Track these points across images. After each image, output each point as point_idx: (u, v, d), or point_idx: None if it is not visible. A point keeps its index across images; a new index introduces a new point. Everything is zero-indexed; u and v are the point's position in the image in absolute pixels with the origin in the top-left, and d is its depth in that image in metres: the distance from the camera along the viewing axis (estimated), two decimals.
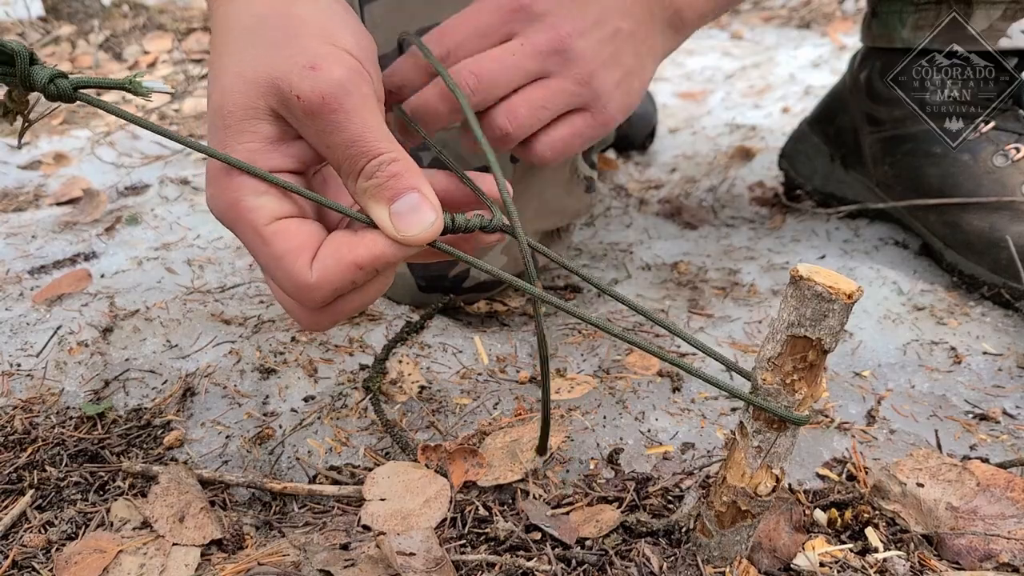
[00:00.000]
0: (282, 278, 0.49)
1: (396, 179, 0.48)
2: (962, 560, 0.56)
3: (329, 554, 0.56)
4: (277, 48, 0.49)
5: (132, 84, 0.46)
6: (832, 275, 0.45)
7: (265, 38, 0.49)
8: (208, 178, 0.50)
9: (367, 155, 0.48)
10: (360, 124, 0.48)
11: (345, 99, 0.47)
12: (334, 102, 0.47)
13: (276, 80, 0.48)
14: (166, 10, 2.72)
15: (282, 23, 0.50)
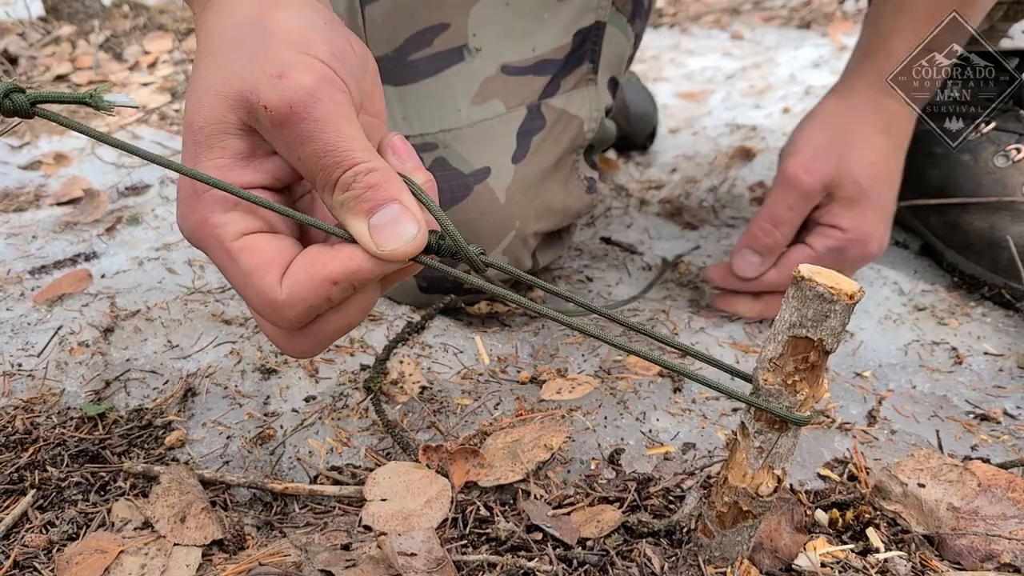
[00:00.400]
0: (252, 296, 0.46)
1: (374, 190, 0.45)
2: (963, 560, 0.56)
3: (330, 554, 0.56)
4: (248, 60, 0.46)
5: (93, 98, 0.44)
6: (833, 275, 0.45)
7: (238, 50, 0.47)
8: (179, 199, 0.48)
9: (341, 165, 0.45)
10: (333, 133, 0.45)
11: (315, 107, 0.44)
12: (303, 110, 0.44)
13: (244, 92, 0.45)
14: (166, 10, 2.72)
15: (256, 33, 0.48)
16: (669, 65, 2.11)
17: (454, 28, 0.84)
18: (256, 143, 0.48)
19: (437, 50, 0.84)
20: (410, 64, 0.85)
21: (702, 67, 2.10)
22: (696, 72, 2.07)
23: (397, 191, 0.46)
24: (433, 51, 0.85)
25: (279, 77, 0.45)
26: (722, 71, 2.05)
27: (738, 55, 2.18)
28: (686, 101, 1.86)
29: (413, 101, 0.84)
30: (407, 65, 0.85)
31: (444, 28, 0.84)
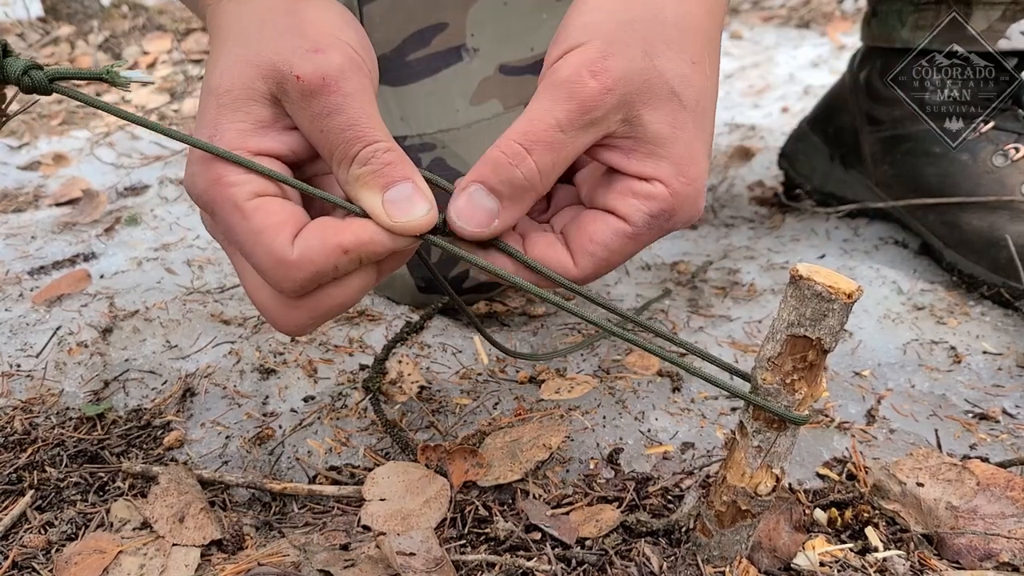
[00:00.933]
0: (261, 254, 0.47)
1: (391, 167, 0.47)
2: (962, 559, 0.56)
3: (329, 554, 0.56)
4: (282, 35, 0.48)
5: (110, 74, 0.45)
6: (832, 275, 0.45)
7: (272, 29, 0.49)
8: (190, 158, 0.49)
9: (362, 140, 0.47)
10: (359, 109, 0.47)
11: (344, 82, 0.47)
12: (334, 84, 0.46)
13: (277, 62, 0.47)
14: (165, 11, 2.72)
15: (289, 17, 0.50)
16: None
17: (452, 28, 0.84)
18: (278, 115, 0.49)
19: (435, 50, 0.84)
20: (408, 64, 0.85)
21: None
22: None
23: (411, 171, 0.48)
24: (431, 51, 0.85)
25: (314, 51, 0.47)
26: (721, 71, 2.05)
27: (737, 54, 2.18)
28: None
29: (411, 101, 0.84)
30: (405, 65, 0.85)
31: (442, 28, 0.84)
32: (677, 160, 0.49)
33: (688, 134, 0.49)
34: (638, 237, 0.50)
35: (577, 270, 0.50)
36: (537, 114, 0.47)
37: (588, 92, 0.47)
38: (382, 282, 0.90)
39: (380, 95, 0.84)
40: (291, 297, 0.49)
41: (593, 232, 0.50)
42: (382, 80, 0.85)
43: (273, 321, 0.51)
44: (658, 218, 0.49)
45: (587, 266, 0.50)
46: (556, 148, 0.47)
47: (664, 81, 0.48)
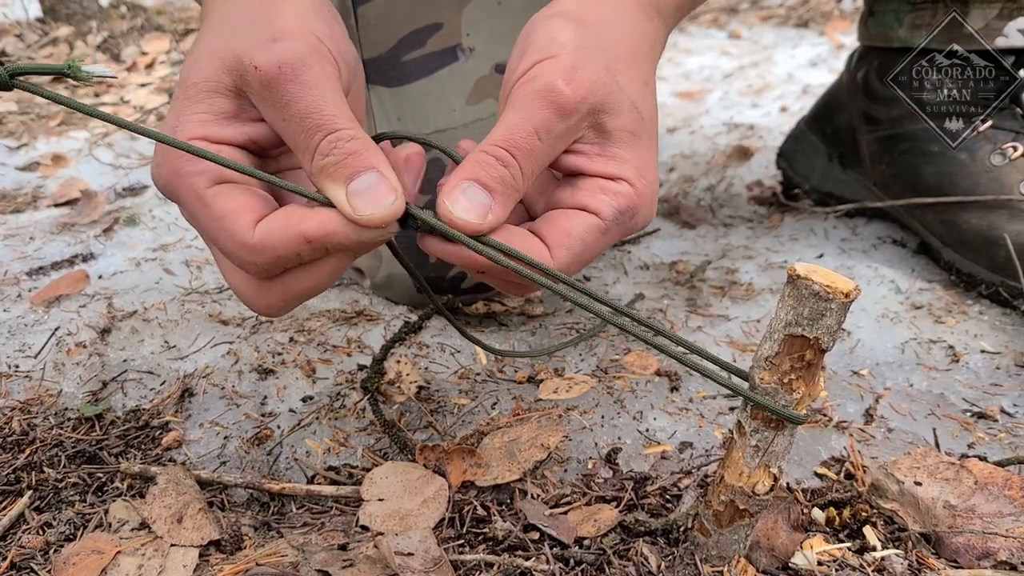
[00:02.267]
0: (224, 239, 0.47)
1: (354, 157, 0.46)
2: (960, 558, 0.56)
3: (327, 554, 0.56)
4: (248, 28, 0.49)
5: (71, 69, 0.45)
6: (829, 274, 0.45)
7: (241, 21, 0.50)
8: (155, 151, 0.49)
9: (322, 129, 0.47)
10: (317, 96, 0.47)
11: (302, 71, 0.47)
12: (290, 72, 0.46)
13: (240, 53, 0.48)
14: (164, 11, 2.71)
15: (262, 9, 0.50)
16: (666, 64, 2.11)
17: (447, 28, 0.84)
18: (242, 107, 0.50)
19: (431, 50, 0.84)
20: (404, 65, 0.85)
21: (699, 66, 2.11)
22: (693, 71, 2.07)
23: (376, 160, 0.47)
24: (427, 51, 0.85)
25: (272, 41, 0.47)
26: (720, 70, 2.05)
27: (736, 54, 2.18)
28: (683, 100, 1.86)
29: (407, 102, 0.84)
30: (401, 66, 0.85)
31: (437, 28, 0.84)
32: (638, 163, 0.53)
33: (645, 143, 0.54)
34: (608, 232, 0.52)
35: (554, 262, 0.51)
36: (516, 121, 0.50)
37: (563, 100, 0.50)
38: (381, 282, 0.90)
39: (376, 96, 0.85)
40: (259, 279, 0.50)
41: (569, 227, 0.51)
42: (378, 81, 0.85)
43: (247, 302, 0.52)
44: (624, 214, 0.53)
45: (563, 258, 0.51)
46: (535, 153, 0.50)
47: (625, 94, 0.53)
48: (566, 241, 0.51)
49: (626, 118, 0.53)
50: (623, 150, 0.53)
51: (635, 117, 0.53)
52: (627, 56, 0.55)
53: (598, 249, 0.52)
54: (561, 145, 0.52)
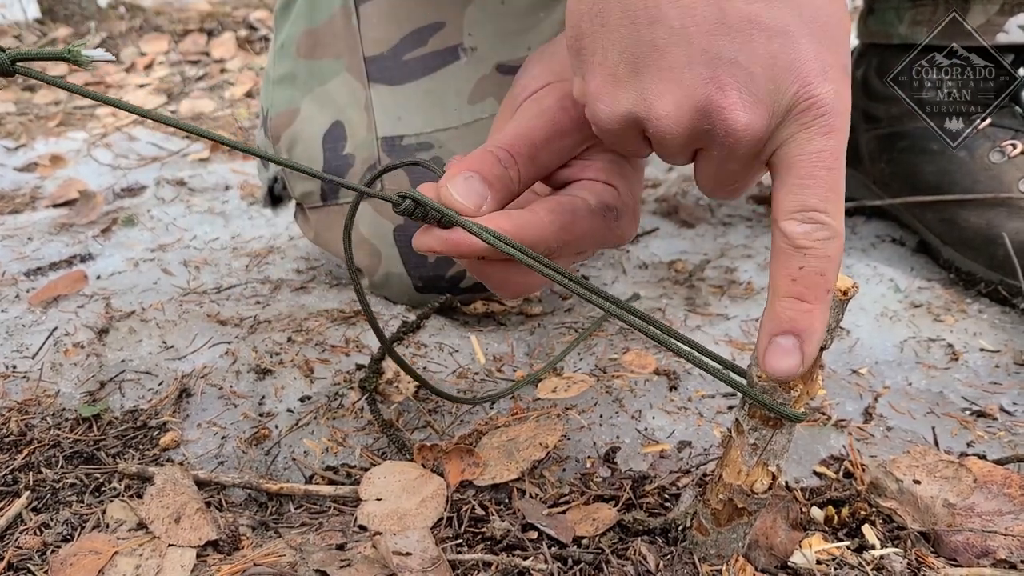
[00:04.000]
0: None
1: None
2: (959, 557, 0.55)
3: (325, 554, 0.55)
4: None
5: (71, 54, 0.44)
6: None
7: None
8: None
9: None
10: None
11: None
12: None
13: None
14: (163, 11, 2.71)
15: None
16: None
17: (449, 27, 0.84)
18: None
19: (432, 49, 0.84)
20: (405, 63, 0.85)
21: None
22: None
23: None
24: (428, 50, 0.84)
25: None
26: None
27: None
28: None
29: (408, 100, 0.84)
30: (402, 64, 0.85)
31: (439, 27, 0.84)
32: (624, 180, 0.57)
33: (631, 167, 0.59)
34: (594, 215, 0.54)
35: (545, 223, 0.51)
36: (522, 130, 0.54)
37: (566, 121, 0.54)
38: (379, 281, 0.90)
39: (377, 94, 0.85)
40: None
41: (560, 200, 0.53)
42: (379, 79, 0.85)
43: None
44: (612, 210, 0.55)
45: (554, 222, 0.52)
46: (535, 162, 0.54)
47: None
48: (557, 209, 0.52)
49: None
50: (612, 166, 0.57)
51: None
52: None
53: (585, 227, 0.53)
54: (559, 160, 0.56)
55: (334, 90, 0.86)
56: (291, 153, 0.89)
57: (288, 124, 0.89)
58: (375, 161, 0.85)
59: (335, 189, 0.87)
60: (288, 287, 0.99)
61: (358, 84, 0.85)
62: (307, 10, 0.89)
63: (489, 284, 0.55)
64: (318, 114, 0.87)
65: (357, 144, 0.85)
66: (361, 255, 0.89)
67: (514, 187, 0.52)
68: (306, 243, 1.14)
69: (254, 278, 1.03)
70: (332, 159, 0.86)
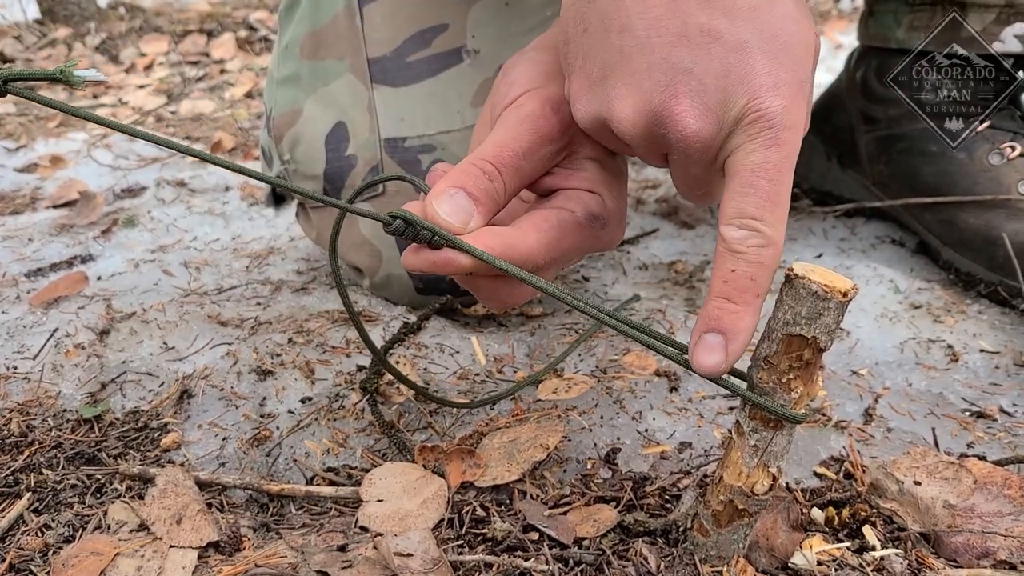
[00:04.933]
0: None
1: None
2: (959, 558, 0.56)
3: (326, 555, 0.56)
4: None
5: (64, 74, 0.45)
6: (827, 273, 0.45)
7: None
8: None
9: None
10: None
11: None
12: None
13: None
14: (163, 12, 2.71)
15: None
16: None
17: (453, 29, 0.84)
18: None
19: (436, 51, 0.84)
20: (408, 65, 0.85)
21: None
22: None
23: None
24: (432, 52, 0.85)
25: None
26: None
27: None
28: None
29: (411, 102, 0.84)
30: (405, 66, 0.85)
31: (443, 29, 0.84)
32: (609, 185, 0.57)
33: (616, 172, 0.59)
34: (580, 226, 0.55)
35: (527, 243, 0.51)
36: (504, 140, 0.53)
37: (550, 127, 0.54)
38: (380, 282, 0.90)
39: (380, 96, 0.85)
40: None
41: (547, 215, 0.54)
42: (382, 81, 0.85)
43: None
44: (597, 219, 0.56)
45: (540, 240, 0.52)
46: (520, 171, 0.53)
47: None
48: (543, 226, 0.53)
49: (601, 148, 0.57)
50: (596, 173, 0.57)
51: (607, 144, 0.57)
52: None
53: (571, 241, 0.54)
54: (543, 167, 0.56)
55: (337, 91, 0.87)
56: (293, 153, 0.89)
57: (291, 124, 0.89)
58: (377, 162, 0.85)
59: (337, 190, 0.87)
60: (289, 288, 0.99)
61: (361, 85, 0.85)
62: (311, 11, 0.89)
63: (479, 296, 0.56)
64: (321, 115, 0.87)
65: (360, 145, 0.85)
66: (362, 256, 0.89)
67: (500, 199, 0.53)
68: (307, 244, 1.14)
69: (255, 279, 1.03)
70: (334, 160, 0.86)
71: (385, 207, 0.55)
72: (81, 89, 0.46)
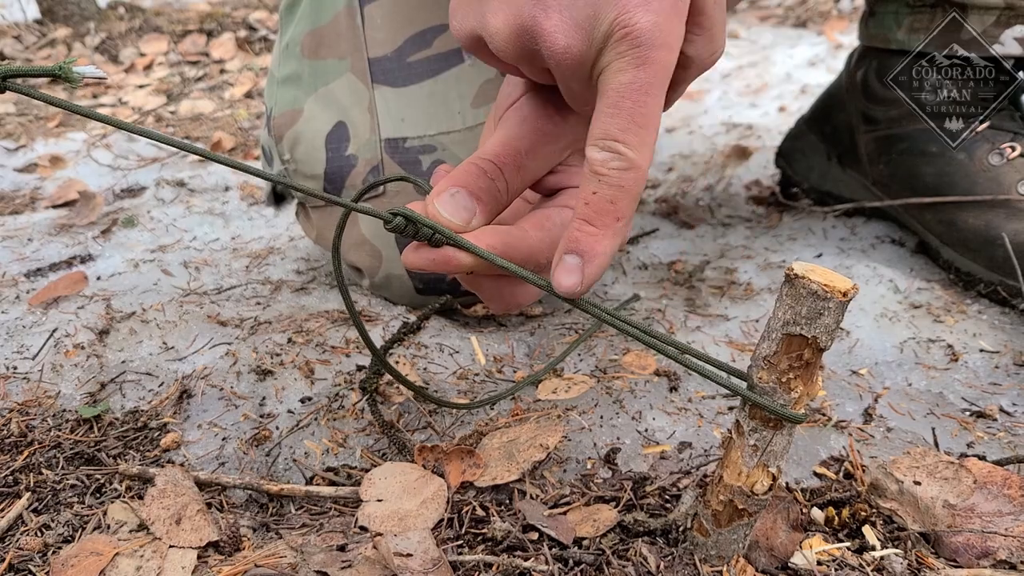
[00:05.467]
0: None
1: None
2: (959, 558, 0.56)
3: (326, 555, 0.56)
4: None
5: (63, 71, 0.45)
6: (827, 273, 0.45)
7: None
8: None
9: None
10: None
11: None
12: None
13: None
14: (162, 12, 2.71)
15: None
16: None
17: None
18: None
19: (436, 51, 0.84)
20: (409, 65, 0.85)
21: None
22: None
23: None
24: (432, 52, 0.84)
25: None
26: (718, 70, 2.05)
27: (734, 54, 2.18)
28: (682, 100, 1.86)
29: (411, 103, 0.84)
30: (406, 66, 0.85)
31: (444, 29, 0.84)
32: None
33: None
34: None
35: (530, 241, 0.51)
36: (508, 139, 0.53)
37: (552, 126, 0.53)
38: (379, 282, 0.90)
39: (381, 96, 0.85)
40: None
41: (550, 214, 0.54)
42: (383, 81, 0.85)
43: None
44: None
45: (543, 239, 0.52)
46: (523, 170, 0.53)
47: None
48: (546, 224, 0.53)
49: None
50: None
51: None
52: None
53: None
54: (547, 166, 0.55)
55: (338, 91, 0.87)
56: (293, 153, 0.89)
57: (291, 123, 0.89)
58: (378, 162, 0.85)
59: (337, 190, 0.87)
60: (288, 288, 0.99)
61: (362, 85, 0.85)
62: (312, 10, 0.89)
63: (482, 296, 0.56)
64: (321, 114, 0.87)
65: (360, 145, 0.85)
66: (362, 256, 0.89)
67: (503, 198, 0.52)
68: (306, 244, 1.14)
69: (254, 279, 1.03)
70: (335, 159, 0.86)
71: (385, 207, 0.55)
72: (80, 86, 0.46)
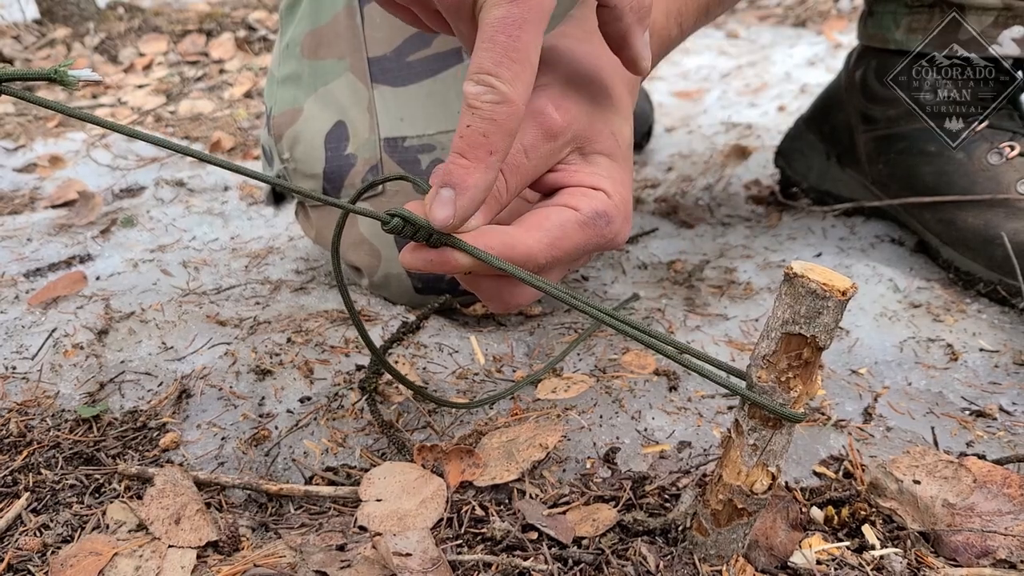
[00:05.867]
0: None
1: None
2: (959, 557, 0.56)
3: (325, 555, 0.55)
4: None
5: (58, 74, 0.44)
6: (826, 272, 0.45)
7: None
8: None
9: None
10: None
11: None
12: None
13: None
14: (162, 12, 2.71)
15: None
16: (664, 64, 2.11)
17: None
18: None
19: (436, 51, 0.84)
20: (409, 65, 0.85)
21: (697, 66, 2.11)
22: (691, 71, 2.07)
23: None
24: (432, 52, 0.84)
25: None
26: (717, 69, 2.05)
27: (733, 53, 2.18)
28: (682, 100, 1.86)
29: (410, 102, 0.84)
30: (406, 66, 0.85)
31: None
32: (613, 180, 0.57)
33: (620, 166, 0.58)
34: (585, 226, 0.54)
35: (530, 242, 0.51)
36: None
37: (551, 124, 0.54)
38: (379, 281, 0.90)
39: (380, 95, 0.85)
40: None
41: (549, 213, 0.53)
42: (382, 80, 0.85)
43: None
44: (602, 217, 0.55)
45: (541, 240, 0.52)
46: (521, 168, 0.53)
47: (607, 124, 0.58)
48: (546, 224, 0.52)
49: (605, 144, 0.57)
50: (600, 168, 0.57)
51: (613, 143, 0.58)
52: (610, 86, 0.60)
53: (575, 240, 0.53)
54: (545, 165, 0.55)
55: (337, 90, 0.86)
56: (293, 152, 0.89)
57: (291, 123, 0.89)
58: (377, 162, 0.85)
59: (336, 189, 0.87)
60: (288, 288, 0.99)
61: (361, 85, 0.85)
62: (312, 10, 0.89)
63: (481, 297, 0.56)
64: (321, 114, 0.87)
65: (359, 145, 0.85)
66: (361, 255, 0.89)
67: (502, 197, 0.52)
68: (305, 243, 1.14)
69: (253, 279, 1.03)
70: (334, 159, 0.86)
71: (384, 207, 0.55)
72: (77, 89, 0.46)
